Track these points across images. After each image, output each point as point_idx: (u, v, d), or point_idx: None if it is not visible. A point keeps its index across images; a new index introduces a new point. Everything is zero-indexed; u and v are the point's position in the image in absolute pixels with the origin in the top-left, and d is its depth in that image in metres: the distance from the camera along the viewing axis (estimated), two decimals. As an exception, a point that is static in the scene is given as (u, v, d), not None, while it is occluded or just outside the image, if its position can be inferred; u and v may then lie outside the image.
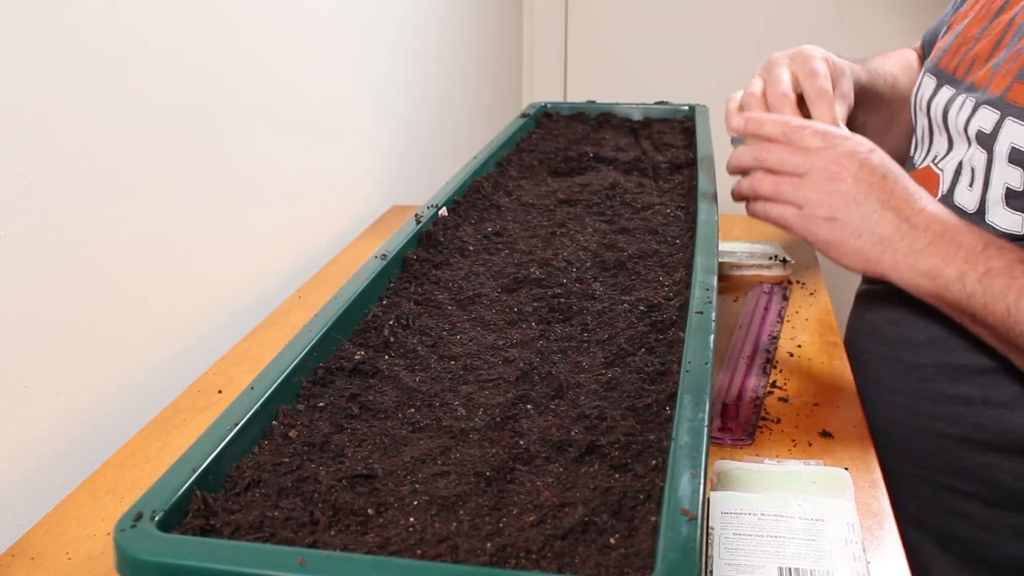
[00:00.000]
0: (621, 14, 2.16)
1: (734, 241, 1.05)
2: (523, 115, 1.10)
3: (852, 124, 0.84)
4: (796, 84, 0.79)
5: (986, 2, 0.79)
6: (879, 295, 0.84)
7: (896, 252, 0.66)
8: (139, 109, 0.74)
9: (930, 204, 0.68)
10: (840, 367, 0.78)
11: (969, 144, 0.72)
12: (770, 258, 0.98)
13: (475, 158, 0.92)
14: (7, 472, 0.64)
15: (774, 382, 0.76)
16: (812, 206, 0.69)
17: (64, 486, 0.68)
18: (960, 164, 0.74)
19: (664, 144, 1.02)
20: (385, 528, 0.41)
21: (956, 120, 0.74)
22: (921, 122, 0.83)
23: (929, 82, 0.81)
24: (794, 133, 0.71)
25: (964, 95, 0.74)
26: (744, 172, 0.75)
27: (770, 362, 0.78)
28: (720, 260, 0.94)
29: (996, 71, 0.72)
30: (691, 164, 0.94)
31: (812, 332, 0.85)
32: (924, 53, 0.98)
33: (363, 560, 0.36)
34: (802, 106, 0.79)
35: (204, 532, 0.40)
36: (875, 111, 0.91)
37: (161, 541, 0.37)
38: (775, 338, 0.83)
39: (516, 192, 0.88)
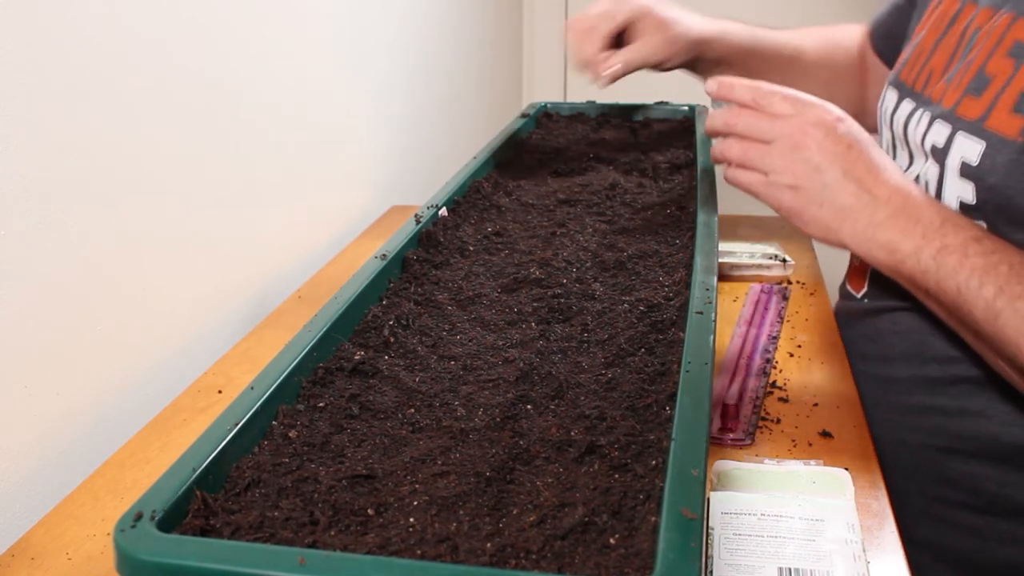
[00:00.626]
0: (621, 14, 2.15)
1: (734, 241, 1.05)
2: (523, 115, 1.10)
3: (742, 76, 0.92)
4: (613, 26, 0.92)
5: (941, 12, 0.79)
6: (854, 312, 0.85)
7: (856, 223, 0.66)
8: (139, 109, 0.74)
9: (894, 176, 0.67)
10: (840, 367, 0.78)
11: (926, 159, 0.73)
12: (770, 258, 0.98)
13: (475, 158, 0.92)
14: (7, 472, 0.64)
15: (774, 382, 0.76)
16: (776, 173, 0.69)
17: (64, 486, 0.68)
18: (917, 178, 0.74)
19: (664, 144, 1.02)
20: (385, 528, 0.41)
21: (915, 134, 0.75)
22: (886, 136, 0.84)
23: (892, 95, 0.82)
24: (763, 99, 0.71)
25: (922, 109, 0.75)
26: (719, 136, 0.75)
27: (770, 362, 0.78)
28: (720, 260, 0.94)
29: (949, 84, 0.72)
30: (691, 164, 0.94)
31: (812, 332, 0.85)
32: (873, 38, 1.00)
33: (363, 560, 0.36)
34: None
35: (204, 532, 0.40)
36: (764, 73, 0.97)
37: (161, 541, 0.37)
38: (775, 338, 0.83)
39: (516, 192, 0.88)
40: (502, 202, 0.84)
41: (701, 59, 1.00)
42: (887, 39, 0.98)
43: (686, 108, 1.12)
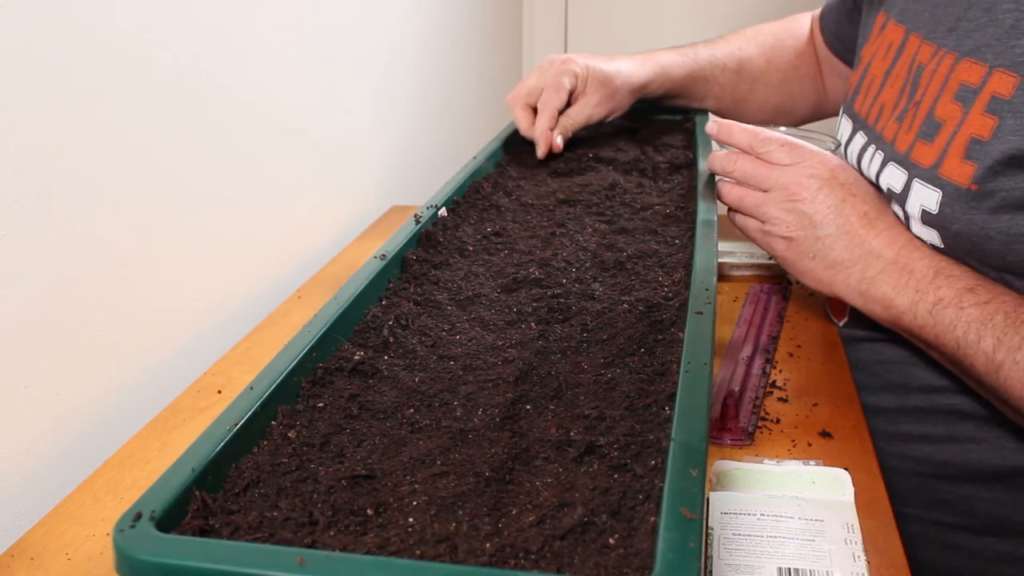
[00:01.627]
0: (621, 14, 2.16)
1: (734, 241, 1.05)
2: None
3: (693, 102, 1.01)
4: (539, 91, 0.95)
5: (886, 40, 0.78)
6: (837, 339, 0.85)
7: (848, 277, 0.67)
8: (139, 109, 0.74)
9: (889, 227, 0.67)
10: (840, 367, 0.78)
11: (881, 194, 0.72)
12: (770, 258, 0.98)
13: (475, 158, 0.92)
14: (7, 472, 0.64)
15: (774, 382, 0.76)
16: (772, 223, 0.70)
17: (64, 486, 0.68)
18: None
19: (664, 144, 1.02)
20: (384, 528, 0.41)
21: (868, 171, 0.74)
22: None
23: (846, 125, 0.82)
24: (761, 146, 0.72)
25: (874, 146, 0.74)
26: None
27: (770, 362, 0.78)
28: (720, 260, 0.94)
29: (901, 125, 0.71)
30: (691, 164, 0.94)
31: (812, 332, 0.85)
32: (824, 34, 1.01)
33: (362, 560, 0.36)
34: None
35: (203, 532, 0.40)
36: (711, 94, 1.03)
37: (160, 541, 0.37)
38: (775, 338, 0.83)
39: (516, 192, 0.88)
40: (502, 202, 0.84)
41: (647, 99, 1.04)
42: (839, 38, 0.98)
43: (686, 108, 1.12)
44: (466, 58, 1.72)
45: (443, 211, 0.77)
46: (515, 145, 1.02)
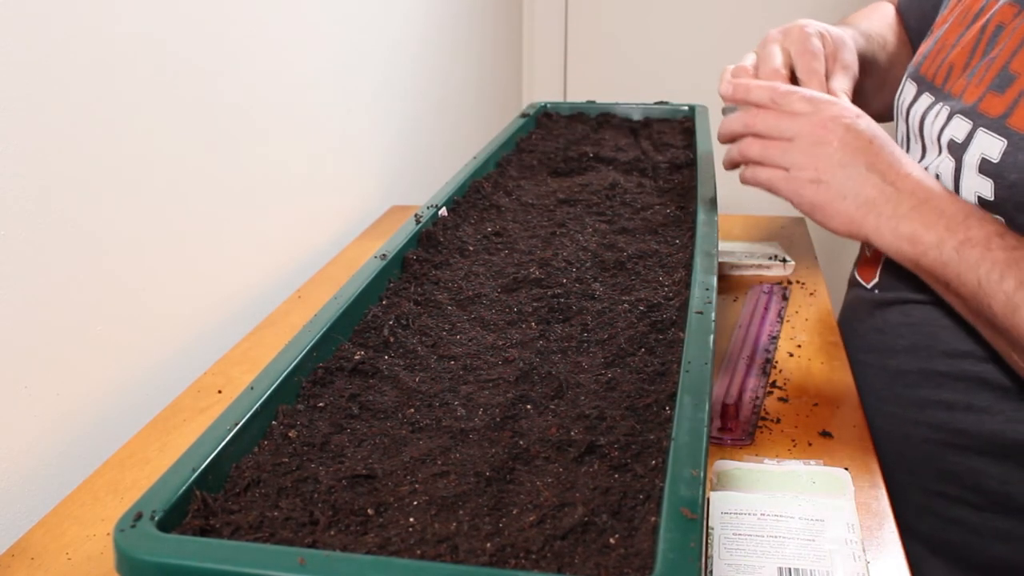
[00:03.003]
0: (621, 14, 2.16)
1: (734, 241, 1.05)
2: (523, 115, 1.10)
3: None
4: (790, 61, 0.79)
5: (964, 8, 0.79)
6: (864, 303, 0.85)
7: (880, 215, 0.66)
8: (139, 108, 0.74)
9: (915, 170, 0.68)
10: (840, 367, 0.78)
11: (940, 152, 0.73)
12: (770, 258, 0.98)
13: (475, 158, 0.92)
14: (7, 472, 0.64)
15: (774, 382, 0.76)
16: (798, 169, 0.69)
17: (64, 486, 0.68)
18: (928, 171, 0.74)
19: (664, 144, 1.02)
20: (385, 528, 0.41)
21: (931, 129, 0.74)
22: (900, 128, 0.83)
23: (910, 88, 0.81)
24: (782, 98, 0.71)
25: (941, 103, 0.74)
26: (735, 140, 0.75)
27: (770, 362, 0.78)
28: (720, 260, 0.94)
29: (971, 80, 0.72)
30: (691, 164, 0.94)
31: (812, 332, 0.85)
32: (903, 17, 0.97)
33: (363, 560, 0.36)
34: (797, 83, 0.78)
35: (204, 532, 0.40)
36: (870, 74, 0.91)
37: (161, 541, 0.37)
38: (775, 338, 0.83)
39: (516, 192, 0.88)
40: (502, 202, 0.85)
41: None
42: (919, 34, 0.94)
43: (686, 108, 1.12)
44: (466, 58, 1.72)
45: (443, 211, 0.77)
46: (516, 145, 1.02)
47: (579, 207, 0.83)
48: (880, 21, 0.97)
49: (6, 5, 0.60)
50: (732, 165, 0.76)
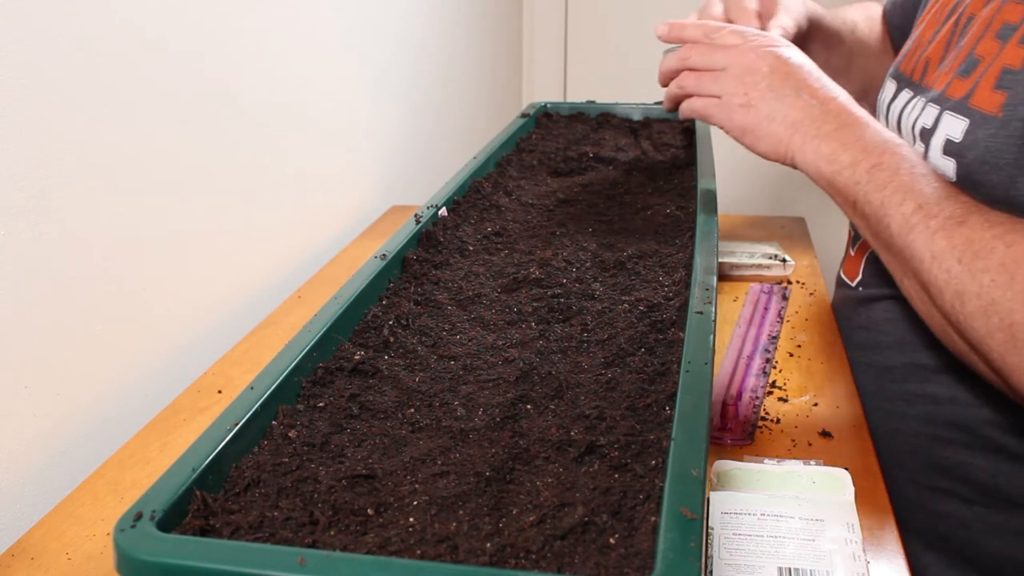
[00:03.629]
0: (621, 14, 2.16)
1: (734, 241, 1.05)
2: (523, 115, 1.10)
3: (812, 58, 0.87)
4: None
5: (941, 6, 0.81)
6: (850, 302, 0.86)
7: (805, 135, 0.69)
8: (139, 108, 0.74)
9: (842, 95, 0.70)
10: (840, 367, 0.78)
11: (915, 143, 0.74)
12: (770, 258, 0.98)
13: (475, 158, 0.92)
14: (7, 472, 0.64)
15: (774, 382, 0.76)
16: (729, 95, 0.73)
17: (64, 486, 0.68)
18: None
19: (664, 144, 1.02)
20: (385, 528, 0.41)
21: (907, 122, 0.76)
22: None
23: (890, 86, 0.84)
24: (714, 33, 0.75)
25: (919, 97, 0.76)
26: (674, 78, 0.79)
27: (770, 362, 0.78)
28: (720, 260, 0.94)
29: (942, 71, 0.73)
30: (691, 164, 0.94)
31: (812, 332, 0.85)
32: (887, 16, 1.01)
33: (363, 560, 0.36)
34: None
35: (204, 532, 0.40)
36: (835, 51, 0.98)
37: (161, 541, 0.37)
38: (775, 338, 0.83)
39: (516, 192, 0.88)
40: (502, 202, 0.85)
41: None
42: (903, 33, 0.97)
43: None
44: (466, 58, 1.72)
45: (443, 211, 0.77)
46: (516, 145, 1.02)
47: (579, 207, 0.83)
48: (858, 11, 1.03)
49: (6, 5, 0.60)
50: (672, 103, 0.80)
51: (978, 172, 0.65)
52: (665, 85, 0.81)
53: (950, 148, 0.67)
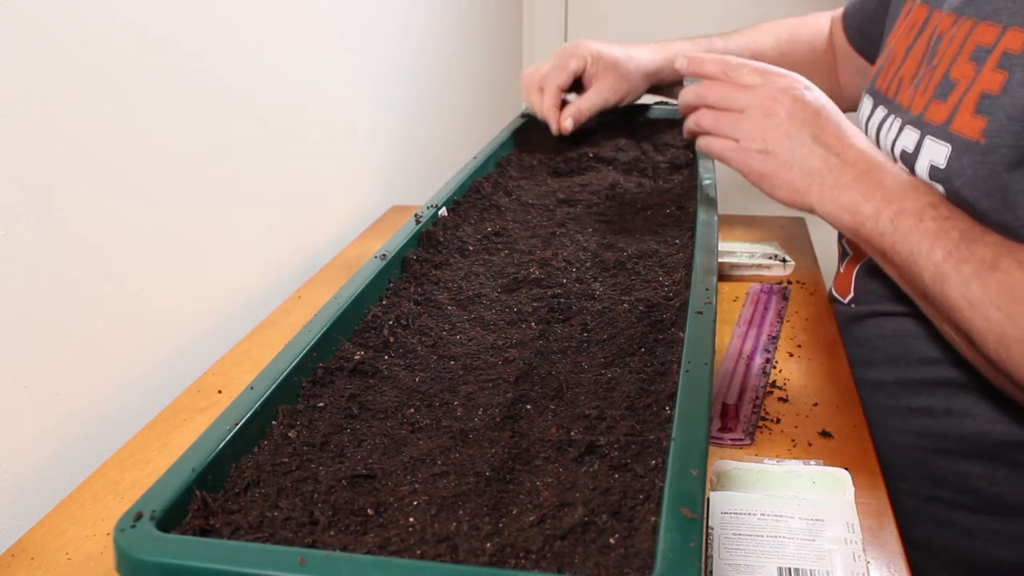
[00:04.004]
0: (621, 14, 2.16)
1: (734, 241, 1.05)
2: (523, 115, 1.10)
3: None
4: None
5: (911, 20, 0.81)
6: (842, 318, 0.87)
7: (823, 185, 0.68)
8: (139, 108, 0.74)
9: (860, 141, 0.69)
10: (840, 367, 0.78)
11: (895, 163, 0.74)
12: (770, 258, 0.98)
13: (475, 158, 0.92)
14: (7, 472, 0.64)
15: (774, 382, 0.76)
16: (747, 140, 0.72)
17: (64, 486, 0.68)
18: None
19: (664, 144, 1.02)
20: (385, 528, 0.41)
21: (886, 141, 0.76)
22: None
23: (867, 103, 0.84)
24: (733, 71, 0.74)
25: (893, 115, 0.76)
26: (693, 111, 0.79)
27: (770, 362, 0.78)
28: (720, 260, 0.94)
29: (916, 90, 0.73)
30: (691, 164, 0.94)
31: (812, 332, 0.85)
32: (847, 30, 1.02)
33: (363, 560, 0.36)
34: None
35: (204, 532, 0.40)
36: None
37: (161, 541, 0.37)
38: (775, 338, 0.83)
39: (516, 192, 0.88)
40: (502, 202, 0.85)
41: (659, 86, 1.05)
42: (862, 34, 0.99)
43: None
44: (466, 58, 1.72)
45: (443, 211, 0.77)
46: (525, 133, 1.03)
47: (579, 207, 0.83)
48: (767, 36, 1.07)
49: (6, 5, 0.60)
50: (690, 135, 0.79)
51: (969, 197, 0.64)
52: (684, 116, 0.80)
53: (936, 174, 0.67)
